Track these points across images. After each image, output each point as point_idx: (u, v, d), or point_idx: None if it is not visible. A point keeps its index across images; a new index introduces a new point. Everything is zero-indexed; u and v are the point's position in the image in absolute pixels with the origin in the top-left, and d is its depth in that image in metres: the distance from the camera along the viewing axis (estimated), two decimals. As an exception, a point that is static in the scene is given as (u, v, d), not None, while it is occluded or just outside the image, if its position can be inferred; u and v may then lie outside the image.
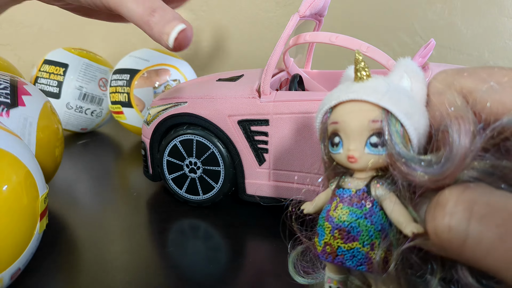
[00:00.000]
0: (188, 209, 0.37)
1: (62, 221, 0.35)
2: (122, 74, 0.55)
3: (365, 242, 0.18)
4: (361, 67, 0.18)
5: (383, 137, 0.17)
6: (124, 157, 0.55)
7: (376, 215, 0.18)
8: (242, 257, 0.29)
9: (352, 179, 0.19)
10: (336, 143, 0.18)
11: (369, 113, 0.17)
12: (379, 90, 0.17)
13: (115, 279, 0.27)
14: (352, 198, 0.18)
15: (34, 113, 0.35)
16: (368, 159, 0.18)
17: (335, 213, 0.18)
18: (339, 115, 0.18)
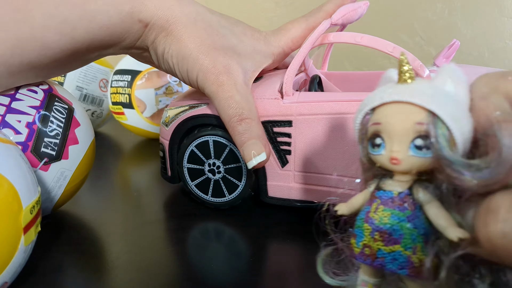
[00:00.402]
0: (189, 208, 0.37)
1: (62, 221, 0.35)
2: (123, 75, 0.55)
3: (407, 246, 0.17)
4: (406, 69, 0.18)
5: (428, 140, 0.17)
6: (125, 158, 0.56)
7: (419, 218, 0.18)
8: (255, 258, 0.29)
9: (393, 181, 0.18)
10: (378, 144, 0.18)
11: (415, 115, 0.17)
12: (425, 93, 0.17)
13: (116, 279, 0.27)
14: (394, 201, 0.18)
15: (72, 166, 0.32)
16: (412, 161, 0.17)
17: (375, 215, 0.18)
18: (382, 116, 0.18)
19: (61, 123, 0.32)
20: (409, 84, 0.18)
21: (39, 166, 0.30)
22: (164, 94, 0.54)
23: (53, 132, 0.31)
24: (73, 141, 0.32)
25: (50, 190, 0.31)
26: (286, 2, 0.80)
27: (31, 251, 0.25)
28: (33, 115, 0.30)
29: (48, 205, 0.32)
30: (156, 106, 0.54)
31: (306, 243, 0.30)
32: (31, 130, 0.30)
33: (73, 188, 0.34)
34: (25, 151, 0.29)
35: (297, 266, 0.28)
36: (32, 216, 0.24)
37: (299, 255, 0.29)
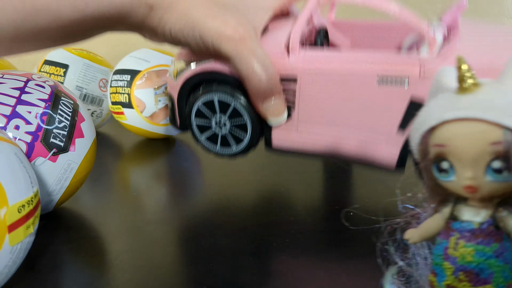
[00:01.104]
0: (189, 208, 0.37)
1: (61, 221, 0.35)
2: (123, 75, 0.55)
3: (500, 285, 0.15)
4: (468, 75, 0.15)
5: (509, 161, 0.14)
6: (124, 158, 0.56)
7: (509, 251, 0.15)
8: (255, 257, 0.29)
9: (470, 208, 0.16)
10: (445, 169, 0.15)
11: (489, 134, 0.14)
12: (497, 104, 0.14)
13: (115, 278, 0.27)
14: (476, 234, 0.15)
15: (78, 158, 0.33)
16: (491, 187, 0.15)
17: (456, 252, 0.16)
18: (446, 137, 0.15)
19: (68, 116, 0.33)
20: (475, 93, 0.15)
21: (48, 156, 0.31)
22: (163, 93, 0.54)
23: (61, 124, 0.32)
24: (79, 134, 0.33)
25: (57, 182, 0.32)
26: (286, 2, 0.80)
27: (23, 253, 0.25)
28: (43, 107, 0.31)
29: (54, 198, 0.33)
30: (155, 105, 0.54)
31: (307, 242, 0.30)
32: (40, 121, 0.31)
33: (77, 183, 0.34)
34: (35, 140, 0.30)
35: (299, 266, 0.28)
36: (20, 215, 0.24)
37: (302, 255, 0.29)
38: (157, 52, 0.57)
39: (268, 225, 0.33)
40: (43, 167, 0.31)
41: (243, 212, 0.36)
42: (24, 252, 0.25)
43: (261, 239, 0.31)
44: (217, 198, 0.39)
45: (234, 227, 0.33)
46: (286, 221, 0.34)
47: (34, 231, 0.26)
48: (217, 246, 0.30)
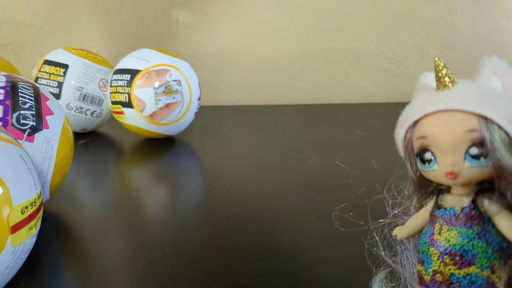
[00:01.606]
0: (189, 208, 0.37)
1: (62, 221, 0.35)
2: (123, 74, 0.55)
3: (484, 266, 0.16)
4: (444, 73, 0.16)
5: (485, 147, 0.15)
6: (124, 157, 0.56)
7: (490, 234, 0.16)
8: (255, 257, 0.29)
9: (452, 196, 0.17)
10: (428, 159, 0.16)
11: (464, 123, 0.15)
12: (471, 96, 0.15)
13: (116, 278, 0.27)
14: (459, 218, 0.16)
15: (55, 135, 0.34)
16: (470, 173, 0.16)
17: (441, 237, 0.17)
18: (427, 129, 0.16)
19: (31, 97, 0.33)
20: (451, 89, 0.16)
21: (24, 137, 0.31)
22: (163, 93, 0.54)
23: (27, 105, 0.32)
24: (48, 112, 0.34)
25: (42, 162, 0.32)
26: (286, 2, 0.80)
27: (25, 254, 0.25)
28: (3, 93, 0.32)
29: (46, 180, 0.33)
30: (155, 105, 0.54)
31: (307, 242, 0.30)
32: (5, 106, 0.31)
33: (63, 161, 0.35)
34: (5, 125, 0.31)
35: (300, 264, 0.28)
36: (23, 216, 0.23)
37: (302, 255, 0.29)
38: (157, 52, 0.57)
39: (268, 225, 0.33)
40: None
41: (243, 212, 0.36)
42: (26, 253, 0.25)
43: (261, 239, 0.31)
44: (217, 198, 0.39)
45: (234, 227, 0.33)
46: (286, 221, 0.34)
47: (36, 233, 0.26)
48: (217, 246, 0.30)
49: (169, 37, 0.83)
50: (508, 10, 0.79)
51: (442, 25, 0.80)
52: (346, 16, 0.80)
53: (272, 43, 0.82)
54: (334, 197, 0.38)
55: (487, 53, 0.85)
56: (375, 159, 0.46)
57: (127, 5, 0.82)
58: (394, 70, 0.82)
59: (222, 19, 0.82)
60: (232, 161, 0.50)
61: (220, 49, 0.84)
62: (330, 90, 0.84)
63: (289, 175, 0.44)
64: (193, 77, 0.58)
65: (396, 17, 0.80)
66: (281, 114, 0.75)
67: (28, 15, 0.84)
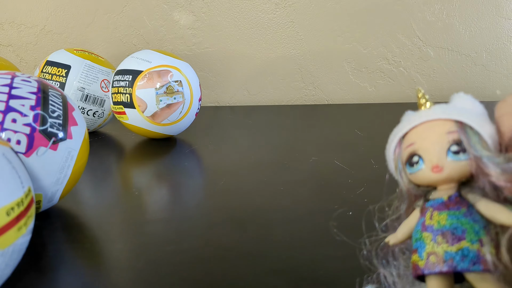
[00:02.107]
0: (189, 208, 0.37)
1: (63, 220, 0.36)
2: (124, 75, 0.56)
3: (473, 239, 0.17)
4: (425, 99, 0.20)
5: (462, 144, 0.18)
6: (126, 157, 0.56)
7: (475, 214, 0.18)
8: (255, 256, 0.29)
9: (439, 191, 0.19)
10: (416, 161, 0.19)
11: (445, 127, 0.19)
12: (448, 109, 0.19)
13: (117, 277, 0.27)
14: (447, 204, 0.19)
15: (77, 145, 0.34)
16: (452, 166, 0.18)
17: (432, 221, 0.19)
18: (414, 136, 0.20)
19: (60, 106, 0.34)
20: (431, 108, 0.20)
21: (49, 145, 0.32)
22: (164, 93, 0.54)
23: (55, 114, 0.33)
24: (73, 122, 0.34)
25: (60, 170, 0.33)
26: (285, 3, 0.80)
27: (18, 254, 0.24)
28: (34, 99, 0.32)
29: (59, 187, 0.34)
30: (156, 105, 0.55)
31: (307, 242, 0.31)
32: (35, 112, 0.32)
33: (78, 170, 0.35)
34: (34, 131, 0.31)
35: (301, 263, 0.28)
36: (9, 218, 0.22)
37: (302, 254, 0.30)
38: (158, 52, 0.57)
39: (268, 224, 0.34)
40: (46, 156, 0.32)
41: (243, 211, 0.36)
42: (19, 253, 0.24)
43: (261, 238, 0.31)
44: (217, 197, 0.40)
45: (234, 226, 0.34)
46: (286, 220, 0.34)
47: (28, 231, 0.25)
48: (218, 245, 0.31)
49: (170, 38, 0.84)
50: (505, 11, 0.79)
51: (441, 26, 0.80)
52: (345, 18, 0.80)
53: (272, 44, 0.83)
54: (333, 197, 0.38)
55: (485, 54, 0.86)
56: (374, 159, 0.47)
57: (129, 7, 0.82)
58: (392, 71, 0.83)
59: (222, 21, 0.83)
60: (232, 161, 0.50)
61: (221, 50, 0.84)
62: (329, 91, 0.84)
63: (289, 175, 0.44)
64: (194, 78, 0.58)
65: (395, 18, 0.80)
66: (281, 114, 0.75)
67: (30, 16, 0.84)
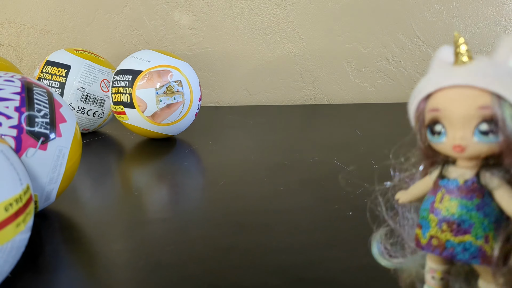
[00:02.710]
0: (190, 208, 0.37)
1: (63, 220, 0.36)
2: (124, 75, 0.56)
3: (479, 235, 0.17)
4: (462, 49, 0.17)
5: (495, 125, 0.16)
6: (126, 157, 0.56)
7: (488, 206, 0.17)
8: (256, 256, 0.29)
9: (457, 168, 0.18)
10: (438, 131, 0.17)
11: (477, 99, 0.16)
12: (487, 73, 0.16)
13: (117, 277, 0.27)
14: (461, 189, 0.17)
15: (67, 143, 0.34)
16: (478, 148, 0.16)
17: (441, 205, 0.17)
18: (440, 102, 0.17)
19: (46, 104, 0.33)
20: (467, 65, 0.16)
21: (38, 145, 0.31)
22: (164, 93, 0.54)
23: (42, 112, 0.32)
24: (62, 119, 0.34)
25: (53, 170, 0.32)
26: (285, 3, 0.80)
27: (16, 251, 0.24)
28: (18, 100, 0.31)
29: (54, 186, 0.33)
30: (156, 105, 0.55)
31: (307, 241, 0.31)
32: (20, 113, 0.31)
33: (72, 167, 0.35)
34: (21, 133, 0.30)
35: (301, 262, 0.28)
36: (8, 214, 0.23)
37: (302, 254, 0.30)
38: (158, 52, 0.57)
39: (268, 224, 0.34)
40: (36, 157, 0.31)
41: (243, 211, 0.36)
42: (18, 250, 0.24)
43: (261, 238, 0.32)
44: (217, 197, 0.40)
45: (234, 226, 0.34)
46: (286, 220, 0.34)
47: (27, 228, 0.25)
48: (217, 245, 0.31)
49: (170, 38, 0.84)
50: (505, 11, 0.79)
51: (441, 26, 0.80)
52: (345, 17, 0.80)
53: (272, 44, 0.83)
54: (333, 197, 0.38)
55: (485, 54, 0.86)
56: (374, 159, 0.47)
57: (129, 7, 0.82)
58: (392, 71, 0.83)
59: (222, 21, 0.83)
60: (232, 161, 0.50)
61: (221, 50, 0.84)
62: (329, 91, 0.85)
63: (289, 175, 0.44)
64: (194, 78, 0.58)
65: (395, 18, 0.80)
66: (281, 114, 0.75)
67: (30, 16, 0.84)
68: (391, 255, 0.21)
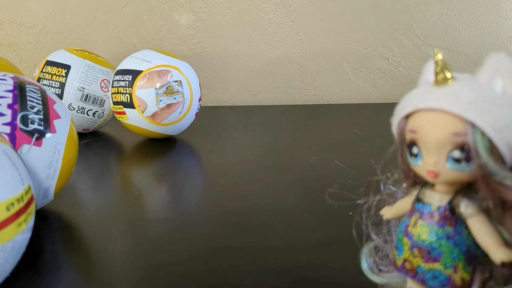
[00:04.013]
0: (190, 208, 0.37)
1: (64, 220, 0.36)
2: (124, 75, 0.56)
3: (448, 265, 0.16)
4: (440, 70, 0.16)
5: (467, 153, 0.15)
6: (126, 157, 0.56)
7: (460, 235, 0.16)
8: (256, 256, 0.29)
9: (434, 192, 0.17)
10: (415, 154, 0.17)
11: (451, 125, 0.15)
12: (463, 99, 0.15)
13: (117, 277, 0.27)
14: (433, 216, 0.17)
15: (62, 139, 0.34)
16: (450, 175, 0.16)
17: (414, 230, 0.17)
18: (417, 124, 0.16)
19: (39, 101, 0.33)
20: (446, 87, 0.16)
21: (32, 142, 0.31)
22: (164, 93, 0.54)
23: (35, 109, 0.32)
24: (56, 115, 0.34)
25: (49, 166, 0.32)
26: (285, 3, 0.80)
27: (17, 251, 0.24)
28: (11, 97, 0.31)
29: (51, 183, 0.33)
30: (156, 105, 0.55)
31: (307, 241, 0.31)
32: (13, 110, 0.31)
33: (69, 164, 0.35)
34: (14, 130, 0.30)
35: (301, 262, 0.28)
36: (9, 213, 0.23)
37: (302, 254, 0.30)
38: (158, 53, 0.57)
39: (268, 224, 0.34)
40: (31, 154, 0.31)
41: (243, 211, 0.36)
42: (18, 250, 0.24)
43: (261, 238, 0.32)
44: (217, 197, 0.40)
45: (234, 226, 0.34)
46: (286, 220, 0.34)
47: (28, 229, 0.25)
48: (218, 245, 0.31)
49: (170, 38, 0.84)
50: (505, 11, 0.79)
51: (441, 26, 0.80)
52: (345, 17, 0.80)
53: (272, 44, 0.83)
54: (333, 197, 0.38)
55: (485, 54, 0.86)
56: (374, 159, 0.47)
57: (129, 7, 0.82)
58: (392, 71, 0.83)
59: (222, 21, 0.83)
60: (232, 161, 0.50)
61: (221, 50, 0.84)
62: (329, 91, 0.85)
63: (289, 175, 0.44)
64: (194, 78, 0.58)
65: (395, 18, 0.80)
66: (281, 114, 0.75)
67: (30, 16, 0.84)
68: (381, 270, 0.20)
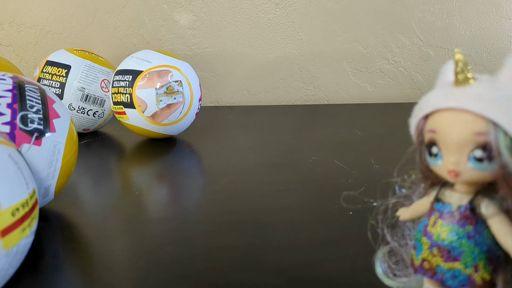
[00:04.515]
0: (190, 208, 0.37)
1: (64, 220, 0.36)
2: (125, 75, 0.56)
3: (468, 264, 0.16)
4: (460, 70, 0.16)
5: (489, 152, 0.15)
6: (126, 157, 0.56)
7: (480, 235, 0.16)
8: (257, 256, 0.30)
9: (453, 192, 0.17)
10: (435, 153, 0.17)
11: (473, 125, 0.15)
12: (484, 98, 0.15)
13: (117, 276, 0.27)
14: (453, 215, 0.17)
15: (62, 138, 0.34)
16: (472, 174, 0.16)
17: (433, 229, 0.17)
18: (437, 124, 0.16)
19: (38, 100, 0.33)
20: (467, 87, 0.16)
21: (32, 141, 0.31)
22: (164, 93, 0.55)
23: (34, 108, 0.32)
24: (55, 115, 0.34)
25: (49, 165, 0.32)
26: (285, 3, 0.80)
27: (21, 255, 0.24)
28: (10, 96, 0.31)
29: (51, 182, 0.33)
30: (157, 105, 0.55)
31: (307, 241, 0.31)
32: (13, 109, 0.31)
33: (69, 163, 0.35)
34: (14, 129, 0.30)
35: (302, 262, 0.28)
36: (14, 219, 0.22)
37: (302, 254, 0.30)
38: (158, 53, 0.57)
39: (268, 224, 0.34)
40: (31, 153, 0.31)
41: (244, 211, 0.36)
42: (22, 253, 0.24)
43: (261, 237, 0.32)
44: (217, 197, 0.40)
45: (234, 226, 0.34)
46: (286, 220, 0.34)
47: (32, 233, 0.25)
48: (218, 245, 0.31)
49: (170, 38, 0.84)
50: (505, 11, 0.79)
51: (441, 26, 0.80)
52: (345, 17, 0.80)
53: (272, 44, 0.83)
54: (334, 197, 0.38)
55: (485, 54, 0.86)
56: (374, 159, 0.47)
57: (129, 7, 0.82)
58: (392, 71, 0.83)
59: (222, 21, 0.83)
60: (232, 161, 0.50)
61: (221, 50, 0.84)
62: (329, 91, 0.85)
63: (289, 175, 0.44)
64: (194, 78, 0.58)
65: (395, 18, 0.80)
66: (281, 114, 0.75)
67: (30, 16, 0.84)
68: (396, 274, 0.20)
